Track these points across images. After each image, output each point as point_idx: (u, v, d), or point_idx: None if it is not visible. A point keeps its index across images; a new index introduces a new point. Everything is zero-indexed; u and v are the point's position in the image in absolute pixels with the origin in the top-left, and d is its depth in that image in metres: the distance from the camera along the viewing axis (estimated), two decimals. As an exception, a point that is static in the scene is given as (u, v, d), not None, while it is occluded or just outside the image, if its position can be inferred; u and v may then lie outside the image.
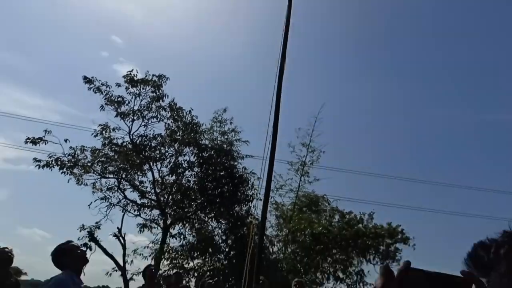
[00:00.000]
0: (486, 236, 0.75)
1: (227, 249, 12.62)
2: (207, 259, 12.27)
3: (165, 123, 14.16)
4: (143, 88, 14.11)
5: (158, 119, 14.15)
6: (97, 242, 12.21)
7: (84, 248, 3.79)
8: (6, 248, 5.04)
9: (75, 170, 13.06)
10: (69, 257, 3.54)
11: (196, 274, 11.41)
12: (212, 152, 13.88)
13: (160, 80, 14.13)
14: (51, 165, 12.79)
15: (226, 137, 14.32)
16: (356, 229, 12.44)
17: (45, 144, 13.01)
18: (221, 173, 13.64)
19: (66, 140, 13.18)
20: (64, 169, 12.84)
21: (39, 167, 12.69)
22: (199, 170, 13.95)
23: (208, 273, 9.24)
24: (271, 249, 13.13)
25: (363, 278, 12.26)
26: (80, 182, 13.20)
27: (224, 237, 13.21)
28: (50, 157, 12.89)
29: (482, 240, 0.76)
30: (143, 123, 14.00)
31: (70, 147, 13.21)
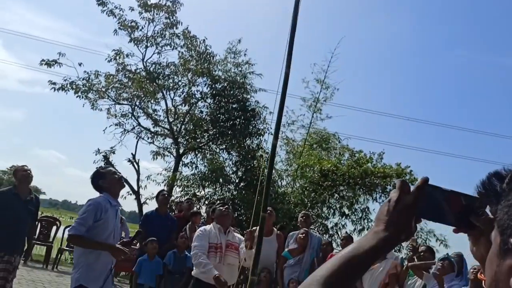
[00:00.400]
0: (503, 166, 0.73)
1: (237, 180, 12.93)
2: (217, 189, 12.63)
3: (179, 51, 13.93)
4: (156, 14, 13.72)
5: (172, 47, 13.89)
6: (112, 166, 12.56)
7: (120, 173, 3.93)
8: (25, 166, 5.22)
9: (90, 95, 13.13)
10: (107, 181, 3.69)
11: (206, 202, 11.82)
12: (225, 84, 13.72)
13: (174, 6, 13.69)
14: (66, 89, 12.84)
15: (239, 69, 14.07)
16: (364, 168, 12.52)
17: (60, 67, 12.99)
18: (234, 106, 13.60)
19: (80, 64, 13.15)
20: (79, 93, 12.91)
21: (54, 90, 12.77)
22: (211, 102, 13.91)
23: (218, 201, 9.58)
24: (279, 183, 13.43)
25: (368, 215, 12.60)
26: (94, 107, 13.32)
27: (234, 169, 13.48)
28: (65, 80, 12.93)
29: (498, 169, 0.74)
30: (156, 50, 13.80)
31: (85, 71, 13.20)
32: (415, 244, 5.86)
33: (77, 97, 12.89)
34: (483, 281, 4.03)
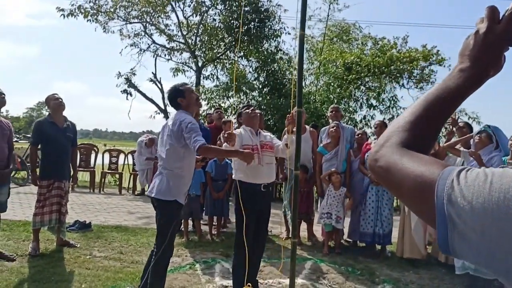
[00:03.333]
0: None
1: (260, 86, 12.80)
2: (242, 97, 12.60)
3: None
4: None
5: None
6: (136, 88, 12.60)
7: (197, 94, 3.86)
8: (56, 94, 5.23)
9: (100, 18, 12.72)
10: (186, 99, 3.65)
11: (233, 112, 11.88)
12: (235, -14, 12.93)
13: None
14: (75, 14, 12.46)
15: (247, -34, 13.10)
16: (389, 54, 12.07)
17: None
18: (246, 9, 12.93)
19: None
20: (89, 17, 12.52)
21: (63, 17, 12.40)
22: (222, 8, 13.26)
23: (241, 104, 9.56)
24: (303, 83, 13.22)
25: (396, 103, 12.43)
26: (106, 30, 13.00)
27: (256, 75, 13.28)
28: (72, 5, 12.50)
29: None
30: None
31: (90, -7, 12.64)
32: (454, 117, 5.70)
33: (87, 21, 12.55)
34: None
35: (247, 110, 4.23)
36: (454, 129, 5.37)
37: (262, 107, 11.49)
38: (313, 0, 14.09)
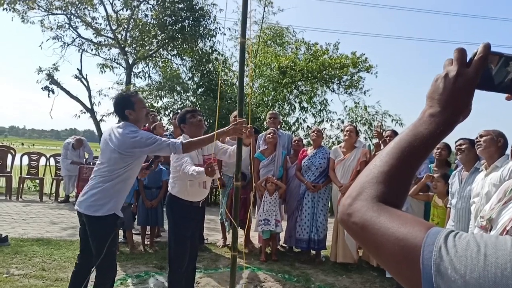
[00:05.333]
0: None
1: (194, 87, 12.53)
2: (176, 98, 12.25)
3: None
4: None
5: None
6: (59, 85, 11.70)
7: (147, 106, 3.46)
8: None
9: (18, 6, 11.61)
10: (135, 113, 3.22)
11: (166, 113, 11.51)
12: (167, -19, 12.53)
13: None
14: (-13, 2, 11.28)
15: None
16: (321, 60, 12.45)
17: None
18: (180, 6, 12.60)
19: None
20: (5, 6, 11.38)
21: (-26, 5, 11.16)
22: (155, 3, 12.79)
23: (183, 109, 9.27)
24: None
25: (326, 106, 12.88)
26: (25, 20, 11.91)
27: (190, 75, 12.99)
28: (-14, -9, 11.28)
29: None
30: None
31: (4, -21, 11.49)
32: (380, 130, 5.94)
33: (3, 10, 11.38)
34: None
35: (193, 119, 3.88)
36: (381, 142, 5.57)
37: (198, 107, 11.26)
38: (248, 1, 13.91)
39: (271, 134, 6.22)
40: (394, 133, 5.88)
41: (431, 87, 0.77)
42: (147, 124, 7.52)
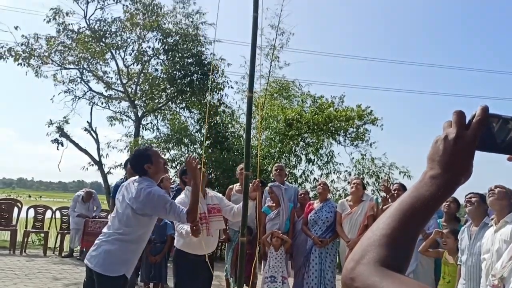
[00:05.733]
0: None
1: (202, 138, 12.68)
2: (183, 150, 12.36)
3: (123, 5, 12.94)
4: (95, -36, 12.56)
5: (115, 0, 12.90)
6: (68, 138, 11.90)
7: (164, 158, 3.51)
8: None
9: (32, 61, 12.08)
10: (154, 165, 3.25)
11: (173, 165, 11.56)
12: (178, 38, 13.04)
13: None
14: (4, 57, 11.75)
15: (190, 19, 13.38)
16: (327, 113, 12.62)
17: (-6, 32, 11.79)
18: (189, 60, 13.03)
19: (16, 28, 11.95)
20: (20, 61, 11.85)
21: (-9, 59, 11.62)
22: (165, 58, 13.25)
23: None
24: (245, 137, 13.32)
25: (333, 158, 12.87)
26: (39, 74, 12.34)
27: (198, 127, 13.19)
28: (2, 47, 11.80)
29: None
30: (99, 6, 12.74)
31: (22, 36, 12.05)
32: (387, 184, 5.90)
33: (18, 65, 11.84)
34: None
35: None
36: (388, 196, 5.52)
37: (204, 160, 11.31)
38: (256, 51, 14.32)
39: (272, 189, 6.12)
40: (402, 187, 5.83)
41: (431, 149, 0.79)
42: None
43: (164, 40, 12.91)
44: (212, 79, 12.90)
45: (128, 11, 12.85)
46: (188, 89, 12.65)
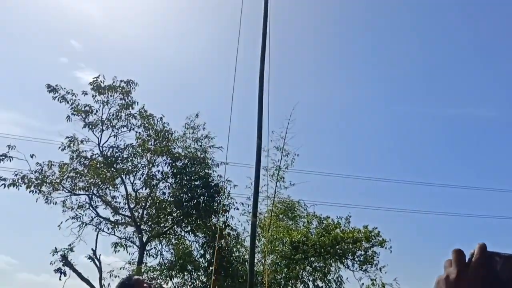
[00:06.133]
0: None
1: (206, 265, 12.41)
2: (186, 277, 12.03)
3: (136, 132, 13.69)
4: (111, 96, 13.57)
5: (129, 128, 13.66)
6: (72, 267, 11.73)
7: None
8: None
9: (43, 188, 12.44)
10: None
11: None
12: (186, 161, 13.54)
13: (129, 86, 13.62)
14: (17, 184, 12.13)
15: (199, 143, 14.01)
16: (334, 234, 12.47)
17: (10, 161, 12.34)
18: (196, 183, 13.35)
19: (32, 156, 12.54)
20: (32, 188, 12.20)
21: (4, 187, 12.00)
22: (173, 181, 13.59)
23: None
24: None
25: (341, 285, 12.37)
26: (49, 201, 12.60)
27: (202, 252, 13.00)
28: (16, 175, 12.24)
29: None
30: (113, 133, 13.49)
31: (37, 163, 12.58)
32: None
33: (29, 192, 12.17)
34: None
35: None
36: None
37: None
38: (260, 177, 14.66)
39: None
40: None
41: None
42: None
43: (173, 164, 13.39)
44: (218, 201, 13.06)
45: (140, 138, 13.55)
46: (194, 212, 12.74)
